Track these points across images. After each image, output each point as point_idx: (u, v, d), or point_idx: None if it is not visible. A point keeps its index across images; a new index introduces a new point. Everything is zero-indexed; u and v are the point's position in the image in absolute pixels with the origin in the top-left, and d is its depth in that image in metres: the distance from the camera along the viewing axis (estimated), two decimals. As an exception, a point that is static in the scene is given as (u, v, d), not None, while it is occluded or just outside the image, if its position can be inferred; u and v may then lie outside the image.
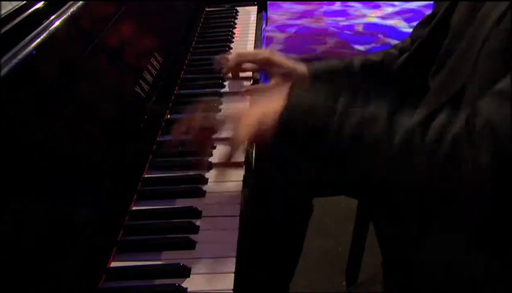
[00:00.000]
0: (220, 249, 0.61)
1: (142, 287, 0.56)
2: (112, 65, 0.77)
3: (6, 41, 0.54)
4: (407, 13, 4.61)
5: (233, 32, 1.25)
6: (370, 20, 4.53)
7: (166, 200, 0.70)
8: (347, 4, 4.93)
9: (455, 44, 0.78)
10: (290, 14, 4.71)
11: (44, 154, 0.55)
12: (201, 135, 0.72)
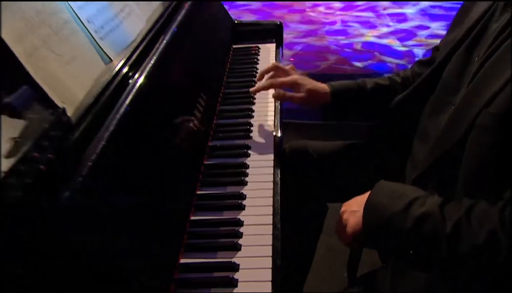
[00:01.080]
0: (258, 250, 0.75)
1: (205, 278, 0.70)
2: (171, 107, 0.90)
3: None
4: (400, 33, 4.56)
5: (256, 68, 1.36)
6: (367, 39, 4.48)
7: (215, 211, 0.83)
8: (347, 24, 4.87)
9: (448, 96, 0.86)
10: (296, 33, 4.68)
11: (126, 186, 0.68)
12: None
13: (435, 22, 4.80)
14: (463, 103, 0.76)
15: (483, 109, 0.69)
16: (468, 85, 0.77)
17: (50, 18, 0.67)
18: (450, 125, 0.79)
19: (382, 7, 5.25)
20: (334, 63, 4.04)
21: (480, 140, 0.70)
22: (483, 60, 0.75)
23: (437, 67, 0.92)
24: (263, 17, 5.06)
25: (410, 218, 0.69)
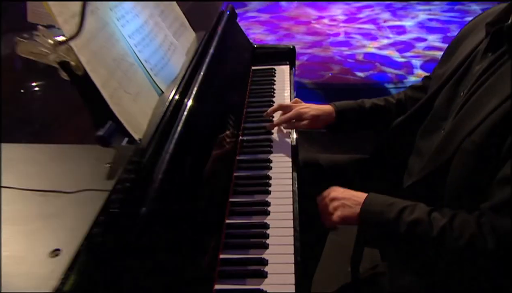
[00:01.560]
0: (283, 248, 0.88)
1: (241, 270, 0.84)
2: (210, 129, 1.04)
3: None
4: (399, 45, 4.58)
5: (274, 88, 1.49)
6: (368, 50, 4.50)
7: (246, 216, 0.97)
8: (350, 35, 4.88)
9: (437, 122, 0.98)
10: (302, 44, 4.68)
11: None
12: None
13: (432, 34, 4.82)
14: (451, 130, 0.89)
15: (466, 137, 0.82)
16: (456, 115, 0.90)
17: (121, 63, 0.81)
18: (440, 148, 0.91)
19: (383, 20, 5.30)
20: (338, 73, 4.07)
21: (463, 161, 0.83)
22: (468, 95, 0.88)
23: (430, 97, 1.04)
24: (271, 28, 5.16)
25: (402, 223, 0.82)
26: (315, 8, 5.80)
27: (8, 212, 0.54)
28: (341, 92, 3.80)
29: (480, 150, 0.79)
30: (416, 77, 3.93)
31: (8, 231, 0.52)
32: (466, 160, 0.82)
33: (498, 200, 0.75)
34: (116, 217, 0.56)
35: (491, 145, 0.77)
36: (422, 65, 4.12)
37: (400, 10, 5.61)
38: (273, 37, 4.93)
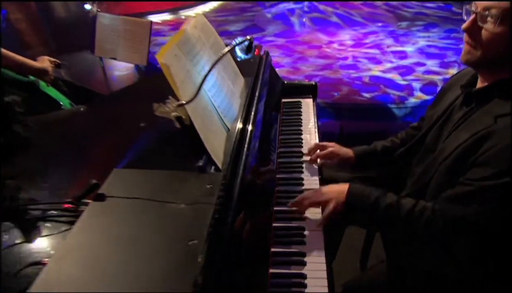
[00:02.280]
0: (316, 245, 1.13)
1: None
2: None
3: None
4: (401, 69, 4.69)
5: (301, 118, 1.74)
6: (374, 73, 4.60)
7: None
8: (357, 59, 4.99)
9: (427, 153, 1.22)
10: (314, 66, 4.83)
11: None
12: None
13: (430, 59, 4.94)
14: (433, 160, 1.14)
15: (442, 162, 1.07)
16: (441, 147, 1.14)
17: (207, 111, 1.08)
18: (425, 170, 1.16)
19: (386, 45, 5.44)
20: (347, 93, 4.19)
21: (439, 180, 1.08)
22: (447, 136, 1.13)
23: (423, 135, 1.28)
24: (287, 52, 5.34)
25: (380, 207, 1.07)
26: (326, 33, 5.98)
27: (156, 215, 0.81)
28: (350, 111, 3.96)
29: (449, 172, 1.04)
30: (416, 98, 4.06)
31: (160, 229, 0.78)
32: (440, 178, 1.08)
33: (451, 193, 1.00)
34: (219, 220, 0.83)
35: (456, 169, 1.02)
36: (421, 88, 4.23)
37: (402, 36, 5.76)
38: (289, 60, 5.07)
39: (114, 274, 0.68)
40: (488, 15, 0.93)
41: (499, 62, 0.99)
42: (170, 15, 6.97)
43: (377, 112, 4.02)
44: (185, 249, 0.73)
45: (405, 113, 3.98)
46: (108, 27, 2.62)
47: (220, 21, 6.63)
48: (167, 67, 0.90)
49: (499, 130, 0.93)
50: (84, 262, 0.71)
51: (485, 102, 1.03)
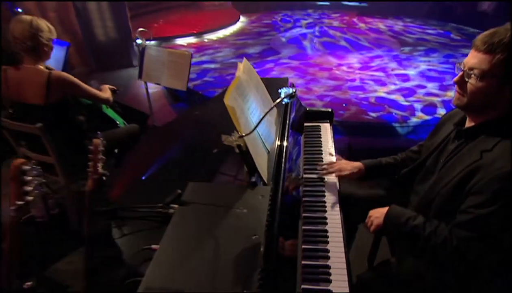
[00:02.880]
0: (337, 244, 1.36)
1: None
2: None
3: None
4: (404, 91, 4.84)
5: (320, 140, 1.97)
6: (379, 94, 4.75)
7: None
8: (364, 81, 5.14)
9: (427, 175, 1.41)
10: (326, 87, 4.98)
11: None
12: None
13: (430, 82, 5.10)
14: (434, 183, 1.33)
15: (442, 188, 1.26)
16: (438, 173, 1.35)
17: (256, 138, 1.33)
18: (428, 193, 1.34)
19: (391, 69, 5.62)
20: (355, 113, 4.33)
21: (440, 202, 1.27)
22: (444, 162, 1.33)
23: (423, 160, 1.48)
24: (300, 73, 5.54)
25: (408, 227, 1.27)
26: (336, 56, 6.20)
27: (226, 218, 1.05)
28: (357, 129, 4.09)
29: (450, 196, 1.24)
30: (417, 118, 4.19)
31: (231, 227, 1.02)
32: (442, 201, 1.27)
33: (459, 221, 1.19)
34: (270, 221, 1.06)
35: (455, 194, 1.22)
36: (422, 109, 4.37)
37: (405, 60, 5.94)
38: (302, 81, 5.25)
39: (203, 261, 0.92)
40: (472, 73, 1.16)
41: (482, 108, 1.21)
42: (194, 39, 7.29)
43: (382, 130, 4.15)
44: (250, 242, 0.97)
45: (407, 132, 4.11)
46: (155, 57, 2.91)
47: (240, 44, 6.93)
48: (232, 108, 1.15)
49: (486, 165, 1.13)
50: (177, 262, 0.93)
51: (473, 139, 1.25)
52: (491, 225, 1.11)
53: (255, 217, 1.06)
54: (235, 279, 0.88)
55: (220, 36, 7.56)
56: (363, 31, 7.62)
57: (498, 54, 1.10)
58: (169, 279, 0.87)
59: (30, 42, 1.92)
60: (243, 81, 1.35)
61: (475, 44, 1.16)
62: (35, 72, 1.98)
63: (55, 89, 2.00)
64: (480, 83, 1.15)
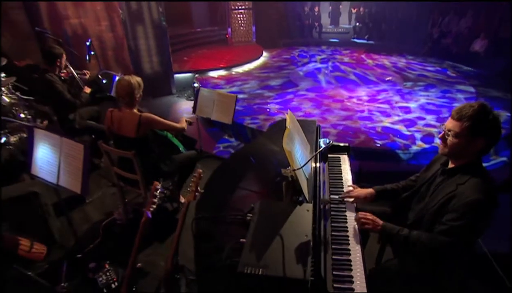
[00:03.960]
0: (356, 246, 1.78)
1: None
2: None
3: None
4: (406, 122, 5.18)
5: (341, 169, 2.41)
6: (385, 124, 5.09)
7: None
8: (371, 112, 5.50)
9: (422, 198, 1.80)
10: (338, 117, 5.34)
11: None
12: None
13: (429, 115, 5.45)
14: (425, 204, 1.74)
15: (431, 208, 1.68)
16: (429, 198, 1.75)
17: (300, 172, 1.78)
18: (420, 212, 1.76)
19: (395, 101, 6.00)
20: (364, 140, 4.67)
21: (429, 217, 1.69)
22: (432, 191, 1.74)
23: (418, 188, 1.89)
24: (316, 104, 5.92)
25: (399, 236, 1.68)
26: (347, 89, 6.64)
27: (287, 223, 1.50)
28: (366, 154, 4.43)
29: (435, 213, 1.65)
30: (417, 146, 4.52)
31: (292, 229, 1.47)
32: (430, 216, 1.68)
33: (439, 229, 1.59)
34: (315, 226, 1.50)
35: (439, 211, 1.63)
36: (422, 138, 4.71)
37: (407, 94, 6.33)
38: (318, 111, 5.65)
39: (276, 250, 1.37)
40: (449, 133, 1.60)
41: (457, 156, 1.64)
42: (224, 71, 7.89)
43: (387, 156, 4.49)
44: (305, 239, 1.42)
45: (409, 158, 4.45)
46: (206, 97, 3.43)
47: (263, 77, 7.47)
48: (287, 151, 1.62)
49: (459, 193, 1.56)
50: (259, 250, 1.38)
51: (452, 176, 1.67)
52: (460, 233, 1.52)
53: (305, 223, 1.50)
54: (297, 262, 1.32)
55: (246, 69, 8.12)
56: (370, 67, 8.07)
57: (465, 122, 1.54)
58: (256, 260, 1.32)
59: (128, 97, 2.46)
60: (291, 130, 1.82)
61: (452, 114, 1.60)
62: (131, 114, 2.51)
63: (144, 126, 2.51)
64: (455, 140, 1.58)
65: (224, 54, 8.93)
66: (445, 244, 1.53)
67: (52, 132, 2.04)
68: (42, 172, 2.10)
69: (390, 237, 1.76)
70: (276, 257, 1.34)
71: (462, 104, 1.59)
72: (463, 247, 1.54)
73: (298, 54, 9.39)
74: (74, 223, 2.80)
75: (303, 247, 1.39)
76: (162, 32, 6.67)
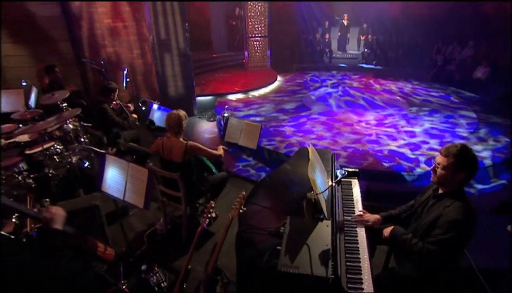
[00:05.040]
0: (364, 254, 2.20)
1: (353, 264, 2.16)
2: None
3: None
4: (411, 145, 5.45)
5: (352, 191, 2.84)
6: (391, 148, 5.36)
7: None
8: (379, 136, 5.78)
9: (417, 217, 2.22)
10: (348, 140, 5.64)
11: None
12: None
13: (433, 139, 5.73)
14: (420, 222, 2.17)
15: (423, 225, 2.11)
16: (423, 216, 2.19)
17: (321, 195, 2.23)
18: (416, 227, 2.19)
19: (401, 126, 6.30)
20: (371, 162, 4.94)
21: (421, 231, 2.11)
22: (426, 212, 2.18)
23: (416, 209, 2.31)
24: (327, 127, 6.24)
25: (402, 238, 2.11)
26: (356, 114, 7.00)
27: (313, 235, 1.94)
28: (374, 176, 4.71)
29: (426, 229, 2.07)
30: (421, 169, 4.78)
31: (317, 240, 1.91)
32: (423, 231, 2.10)
33: (428, 240, 2.00)
34: (333, 238, 1.94)
35: (429, 227, 2.05)
36: (425, 161, 4.97)
37: (412, 119, 6.65)
38: (329, 134, 5.99)
39: (305, 255, 1.80)
40: (439, 166, 2.04)
41: (445, 184, 2.07)
42: (242, 95, 8.41)
43: (393, 177, 4.80)
44: (325, 248, 1.85)
45: (413, 179, 4.75)
46: (235, 125, 3.92)
47: (278, 101, 7.94)
48: (312, 179, 2.07)
49: (445, 214, 1.99)
50: (293, 254, 1.82)
51: (441, 199, 2.10)
52: (445, 244, 1.94)
53: (325, 235, 1.94)
54: (320, 264, 1.76)
55: (262, 93, 8.63)
56: (378, 92, 8.50)
57: (450, 158, 1.98)
58: (290, 262, 1.76)
59: (177, 127, 2.96)
60: (313, 161, 2.27)
61: (441, 151, 2.04)
62: (178, 142, 3.01)
63: (189, 153, 3.00)
64: (443, 172, 2.02)
65: (241, 78, 9.48)
66: (432, 251, 1.95)
67: (120, 158, 2.54)
68: (111, 189, 2.58)
69: (395, 239, 2.16)
70: (305, 260, 1.77)
71: (449, 144, 2.03)
72: (448, 255, 1.95)
73: (310, 78, 9.87)
74: (120, 233, 3.28)
75: (324, 253, 1.82)
76: (187, 60, 7.26)
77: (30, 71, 6.43)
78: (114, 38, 7.08)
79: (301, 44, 11.10)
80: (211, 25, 10.78)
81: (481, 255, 2.67)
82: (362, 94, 8.30)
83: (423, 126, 6.29)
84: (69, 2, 6.47)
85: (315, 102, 7.87)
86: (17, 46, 6.28)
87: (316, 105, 7.60)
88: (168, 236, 3.41)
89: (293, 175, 2.79)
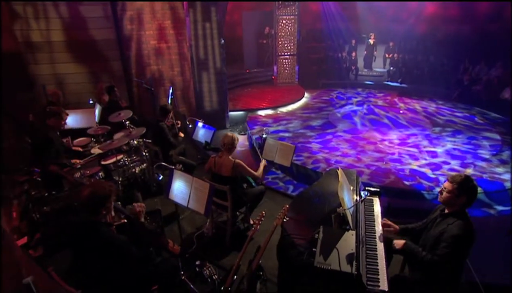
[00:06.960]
0: (381, 262, 2.76)
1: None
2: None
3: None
4: (432, 165, 5.76)
5: (374, 208, 3.40)
6: (412, 167, 5.68)
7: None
8: (401, 155, 6.13)
9: (428, 231, 2.75)
10: (372, 158, 6.01)
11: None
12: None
13: (454, 160, 6.03)
14: (429, 236, 2.72)
15: (431, 238, 2.66)
16: (431, 231, 2.73)
17: (348, 210, 2.83)
18: (425, 241, 2.73)
19: (423, 146, 6.62)
20: (393, 181, 5.29)
21: (430, 244, 2.65)
22: (434, 228, 2.71)
23: (427, 225, 2.86)
24: (352, 145, 6.67)
25: (414, 252, 2.65)
26: (380, 132, 7.39)
27: (341, 242, 2.54)
28: (395, 193, 5.09)
29: (433, 242, 2.61)
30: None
31: (344, 245, 2.52)
32: (431, 244, 2.64)
33: (435, 252, 2.54)
34: (357, 244, 2.53)
35: (436, 241, 2.60)
36: (445, 181, 5.18)
37: (435, 139, 6.96)
38: (354, 152, 6.42)
39: (335, 254, 2.40)
40: (445, 190, 2.59)
41: (449, 205, 2.61)
42: (271, 111, 9.05)
43: (413, 195, 5.17)
44: (351, 251, 2.44)
45: (432, 197, 5.09)
46: (271, 145, 4.57)
47: (305, 117, 8.50)
48: (341, 197, 2.67)
49: (448, 230, 2.52)
50: (325, 254, 2.42)
51: (446, 217, 2.63)
52: (447, 255, 2.47)
53: (350, 242, 2.53)
54: (347, 263, 2.35)
55: (290, 109, 9.24)
56: (402, 111, 8.89)
57: (454, 185, 2.53)
58: (324, 260, 2.36)
59: (230, 145, 3.65)
60: (342, 183, 2.87)
61: (448, 178, 2.60)
62: (228, 160, 3.69)
63: (236, 170, 3.68)
64: (448, 195, 2.57)
65: (270, 93, 10.13)
66: (437, 261, 2.49)
67: (186, 173, 3.24)
68: (177, 198, 3.28)
69: (408, 250, 2.71)
70: (335, 260, 2.37)
71: (456, 173, 2.59)
72: (450, 265, 2.49)
73: (336, 96, 10.36)
74: (173, 233, 3.98)
75: (350, 256, 2.42)
76: (222, 78, 8.03)
77: (85, 87, 7.43)
78: (158, 57, 7.97)
79: (328, 61, 11.67)
80: (243, 42, 11.59)
81: (495, 274, 3.10)
82: (386, 113, 8.69)
83: (445, 147, 6.59)
84: (122, 26, 7.41)
85: (340, 119, 8.33)
86: (77, 65, 7.28)
87: (341, 123, 8.06)
88: (214, 238, 4.08)
89: (323, 192, 3.39)
